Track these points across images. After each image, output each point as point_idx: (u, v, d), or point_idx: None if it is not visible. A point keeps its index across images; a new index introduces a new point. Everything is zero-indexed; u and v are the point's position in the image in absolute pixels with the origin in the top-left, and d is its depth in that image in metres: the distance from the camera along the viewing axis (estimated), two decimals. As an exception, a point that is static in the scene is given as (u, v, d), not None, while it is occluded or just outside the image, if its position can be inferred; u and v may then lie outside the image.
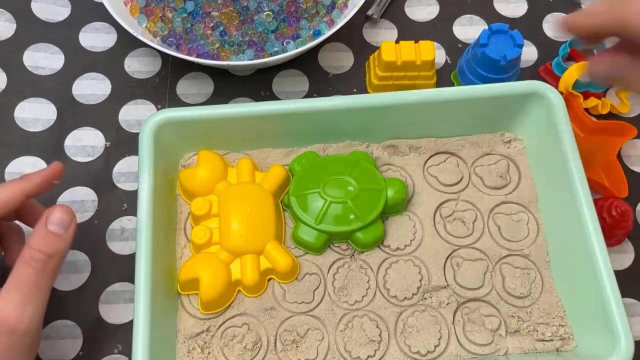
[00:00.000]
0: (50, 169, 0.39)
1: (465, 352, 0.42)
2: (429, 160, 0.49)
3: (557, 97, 0.45)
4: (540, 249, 0.46)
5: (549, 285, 0.45)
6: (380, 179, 0.45)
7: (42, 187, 0.39)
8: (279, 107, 0.45)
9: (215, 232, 0.44)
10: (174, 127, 0.45)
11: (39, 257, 0.35)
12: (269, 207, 0.44)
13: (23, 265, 0.35)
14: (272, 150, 0.49)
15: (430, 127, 0.48)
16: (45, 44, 0.56)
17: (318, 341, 0.43)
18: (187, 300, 0.43)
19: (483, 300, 0.44)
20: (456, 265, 0.45)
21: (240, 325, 0.43)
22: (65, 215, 0.36)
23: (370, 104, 0.45)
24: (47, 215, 0.36)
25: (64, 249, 0.36)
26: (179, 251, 0.45)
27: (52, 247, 0.35)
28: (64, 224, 0.36)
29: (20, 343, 0.34)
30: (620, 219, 0.46)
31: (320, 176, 0.45)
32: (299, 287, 0.44)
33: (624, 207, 0.46)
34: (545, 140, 0.46)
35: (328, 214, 0.44)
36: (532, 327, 0.43)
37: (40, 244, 0.35)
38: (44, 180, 0.39)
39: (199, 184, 0.45)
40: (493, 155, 0.49)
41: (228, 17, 0.54)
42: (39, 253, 0.35)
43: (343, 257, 0.45)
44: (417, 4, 0.60)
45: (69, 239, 0.36)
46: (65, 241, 0.36)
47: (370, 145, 0.49)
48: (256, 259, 0.43)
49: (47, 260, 0.35)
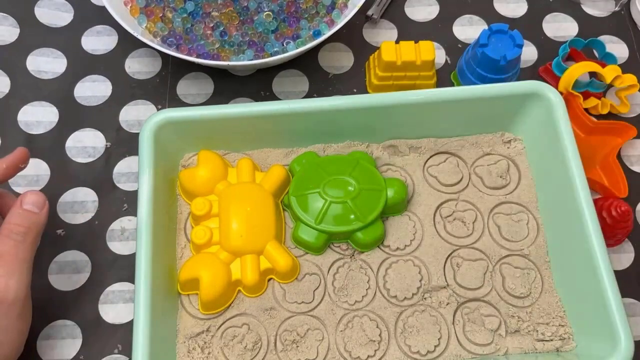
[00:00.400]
0: (15, 153, 0.41)
1: (465, 352, 0.42)
2: (429, 160, 0.49)
3: (557, 97, 0.45)
4: (540, 249, 0.46)
5: (549, 285, 0.45)
6: (380, 179, 0.45)
7: (9, 172, 0.41)
8: (279, 107, 0.45)
9: (215, 232, 0.44)
10: (174, 127, 0.45)
11: (18, 230, 0.38)
12: (269, 207, 0.44)
13: (3, 239, 0.38)
14: (272, 150, 0.49)
15: (430, 127, 0.48)
16: (48, 49, 0.56)
17: (318, 341, 0.43)
18: (187, 300, 0.44)
19: (483, 300, 0.44)
20: (456, 265, 0.45)
21: (240, 325, 0.43)
22: (39, 197, 0.40)
23: (370, 104, 0.45)
24: (21, 198, 0.39)
25: (41, 223, 0.39)
26: (179, 251, 0.45)
27: (29, 221, 0.38)
28: (38, 204, 0.39)
29: (9, 312, 0.37)
30: (620, 219, 0.46)
31: (320, 176, 0.45)
32: (299, 287, 0.44)
33: (624, 207, 0.46)
34: (545, 140, 0.46)
35: (328, 214, 0.44)
36: (532, 327, 0.43)
37: (18, 220, 0.38)
38: (10, 165, 0.41)
39: (199, 184, 0.45)
40: (493, 155, 0.49)
41: (228, 17, 0.54)
42: (18, 227, 0.38)
43: (343, 257, 0.45)
44: (417, 4, 0.60)
45: (44, 216, 0.40)
46: (41, 217, 0.39)
47: (370, 145, 0.49)
48: (256, 259, 0.43)
49: (25, 232, 0.38)
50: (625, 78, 0.51)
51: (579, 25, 0.59)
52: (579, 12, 0.60)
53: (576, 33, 0.58)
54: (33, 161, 0.51)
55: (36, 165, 0.51)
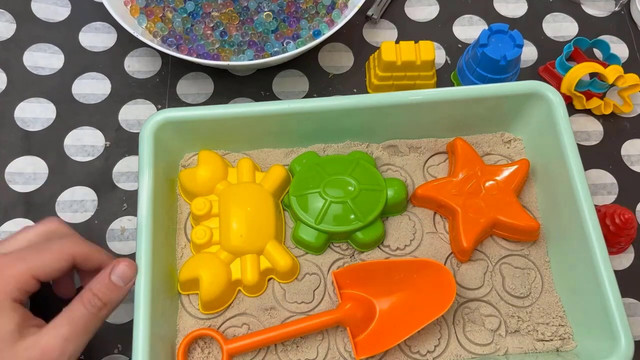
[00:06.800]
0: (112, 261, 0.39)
1: (465, 352, 0.42)
2: (429, 160, 0.49)
3: (556, 96, 0.45)
4: (540, 249, 0.46)
5: (548, 285, 0.45)
6: (380, 179, 0.45)
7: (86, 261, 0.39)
8: (279, 107, 0.45)
9: (215, 232, 0.44)
10: (174, 127, 0.45)
11: (96, 302, 0.37)
12: (269, 207, 0.44)
13: (80, 305, 0.37)
14: (272, 150, 0.49)
15: (430, 127, 0.48)
16: (45, 44, 0.56)
17: (318, 341, 0.43)
18: (187, 300, 0.44)
19: (483, 300, 0.44)
20: (456, 265, 0.45)
21: (240, 325, 0.43)
22: (129, 270, 0.39)
23: (370, 104, 0.45)
24: (113, 265, 0.38)
25: (119, 301, 0.38)
26: (179, 251, 0.45)
27: (110, 296, 0.38)
28: (125, 278, 0.38)
29: None
30: (623, 226, 0.46)
31: (320, 176, 0.45)
32: (299, 287, 0.44)
33: (627, 215, 0.46)
34: (545, 140, 0.46)
35: (328, 213, 0.44)
36: (532, 327, 0.43)
37: (100, 291, 0.37)
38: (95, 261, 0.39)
39: (199, 184, 0.45)
40: (493, 155, 0.49)
41: (228, 17, 0.54)
42: (97, 299, 0.37)
43: (343, 257, 0.45)
44: (417, 4, 0.60)
45: (126, 291, 0.39)
46: (122, 293, 0.38)
47: (370, 146, 0.49)
48: (256, 259, 0.43)
49: (102, 307, 0.37)
50: (628, 78, 0.51)
51: (579, 25, 0.59)
52: (579, 12, 0.60)
53: (576, 33, 0.59)
54: (31, 158, 0.51)
55: (34, 163, 0.51)
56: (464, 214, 0.44)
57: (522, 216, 0.44)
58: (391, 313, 0.42)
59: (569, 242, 0.43)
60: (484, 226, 0.44)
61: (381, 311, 0.43)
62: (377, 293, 0.43)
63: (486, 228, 0.44)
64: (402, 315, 0.42)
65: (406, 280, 0.42)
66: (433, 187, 0.46)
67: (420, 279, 0.42)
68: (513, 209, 0.44)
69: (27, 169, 0.50)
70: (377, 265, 0.43)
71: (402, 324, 0.41)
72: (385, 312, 0.42)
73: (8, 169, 0.50)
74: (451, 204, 0.45)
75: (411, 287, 0.42)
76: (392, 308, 0.42)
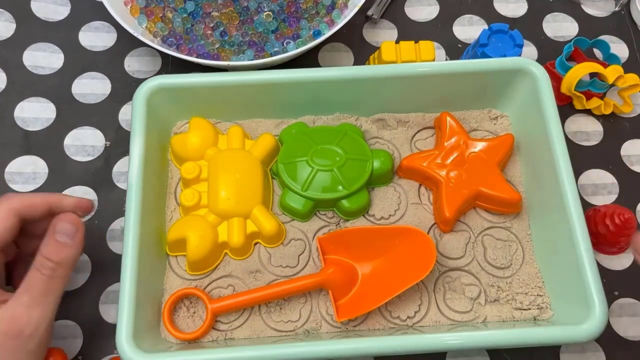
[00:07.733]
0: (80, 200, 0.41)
1: (444, 319, 0.43)
2: (417, 134, 0.50)
3: (541, 71, 0.45)
4: (522, 222, 0.47)
5: (529, 257, 0.45)
6: (367, 149, 0.46)
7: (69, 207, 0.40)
8: (271, 76, 0.46)
9: (204, 195, 0.45)
10: (167, 94, 0.46)
11: (48, 264, 0.36)
12: (257, 173, 0.45)
13: (34, 271, 0.36)
14: (262, 120, 0.50)
15: (418, 101, 0.49)
16: (45, 44, 0.56)
17: (301, 304, 0.43)
18: (175, 261, 0.45)
19: (464, 270, 0.45)
20: (439, 235, 0.46)
21: (225, 287, 0.44)
22: (70, 226, 0.38)
23: (359, 75, 0.46)
24: (54, 224, 0.38)
25: (72, 257, 0.38)
26: (168, 214, 0.46)
27: (60, 255, 0.37)
28: (69, 234, 0.38)
29: (25, 346, 0.35)
30: (623, 226, 0.46)
31: (308, 145, 0.46)
32: (284, 252, 0.45)
33: (627, 215, 0.46)
34: (530, 116, 0.46)
35: (315, 181, 0.45)
36: (511, 296, 0.44)
37: (49, 252, 0.37)
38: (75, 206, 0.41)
39: (189, 150, 0.46)
40: (479, 131, 0.50)
41: (228, 17, 0.54)
42: (47, 261, 0.36)
43: (329, 224, 0.46)
44: (417, 4, 0.60)
45: (77, 245, 0.38)
46: (73, 248, 0.38)
47: (360, 119, 0.50)
48: (243, 222, 0.44)
49: (55, 267, 0.37)
50: (628, 78, 0.52)
51: (579, 25, 0.59)
52: (579, 12, 0.60)
53: (576, 33, 0.59)
54: (30, 158, 0.51)
55: (33, 163, 0.51)
56: (446, 184, 0.45)
57: (504, 188, 0.45)
58: (373, 278, 0.43)
59: (550, 216, 0.44)
60: (466, 197, 0.45)
61: (363, 275, 0.44)
62: (360, 258, 0.44)
63: (469, 199, 0.45)
64: (383, 280, 0.43)
65: (388, 247, 0.43)
66: (418, 158, 0.47)
67: (401, 245, 0.43)
68: (496, 181, 0.45)
69: (27, 169, 0.51)
70: (360, 232, 0.44)
71: (383, 288, 0.42)
72: (367, 276, 0.43)
73: (8, 169, 0.50)
74: (435, 175, 0.46)
75: (393, 253, 0.43)
76: (374, 273, 0.43)
